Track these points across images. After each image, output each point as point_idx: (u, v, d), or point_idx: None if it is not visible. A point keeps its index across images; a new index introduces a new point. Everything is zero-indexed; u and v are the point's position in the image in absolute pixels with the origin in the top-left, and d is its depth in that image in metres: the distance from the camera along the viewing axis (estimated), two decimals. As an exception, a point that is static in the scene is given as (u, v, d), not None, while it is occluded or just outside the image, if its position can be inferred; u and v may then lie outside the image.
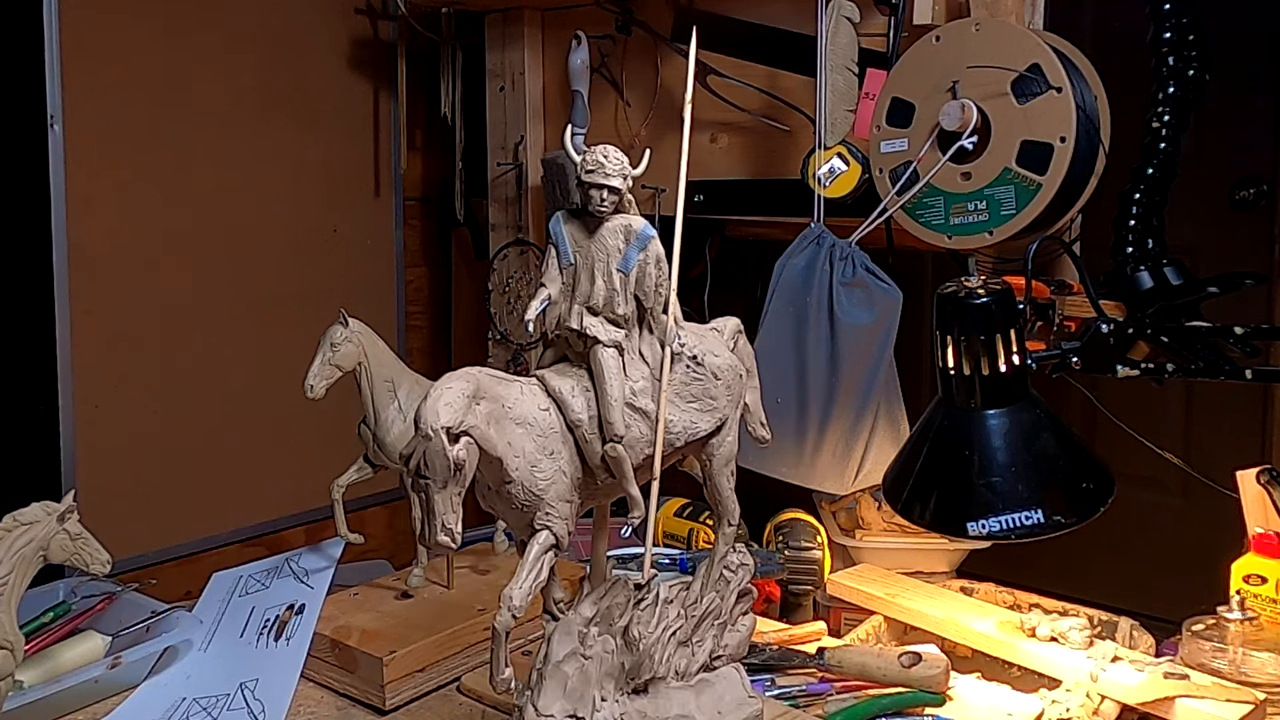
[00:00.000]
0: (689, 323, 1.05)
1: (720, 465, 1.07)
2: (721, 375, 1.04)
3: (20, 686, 1.15)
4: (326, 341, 1.34)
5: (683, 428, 1.02)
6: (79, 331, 1.75)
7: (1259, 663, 1.18)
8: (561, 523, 0.96)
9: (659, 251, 0.99)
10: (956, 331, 1.14)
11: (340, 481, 1.39)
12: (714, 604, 1.08)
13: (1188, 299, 1.29)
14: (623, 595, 1.00)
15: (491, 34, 2.01)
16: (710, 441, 1.05)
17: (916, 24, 1.47)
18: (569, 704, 0.96)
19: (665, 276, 1.00)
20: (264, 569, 1.42)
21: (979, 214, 1.37)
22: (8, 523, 1.05)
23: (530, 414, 0.95)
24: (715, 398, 1.03)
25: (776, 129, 1.68)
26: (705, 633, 1.07)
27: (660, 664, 1.01)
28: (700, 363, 1.03)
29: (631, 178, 0.98)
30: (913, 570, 1.53)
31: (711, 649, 1.07)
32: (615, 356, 0.98)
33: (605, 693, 0.98)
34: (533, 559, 0.95)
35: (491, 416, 0.91)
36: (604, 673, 0.98)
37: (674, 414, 1.01)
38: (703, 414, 1.03)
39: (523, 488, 0.94)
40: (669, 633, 1.02)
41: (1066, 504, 1.13)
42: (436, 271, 2.33)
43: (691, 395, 1.03)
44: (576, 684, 0.97)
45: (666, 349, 1.00)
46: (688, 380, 1.02)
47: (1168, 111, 1.32)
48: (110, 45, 1.77)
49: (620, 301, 0.98)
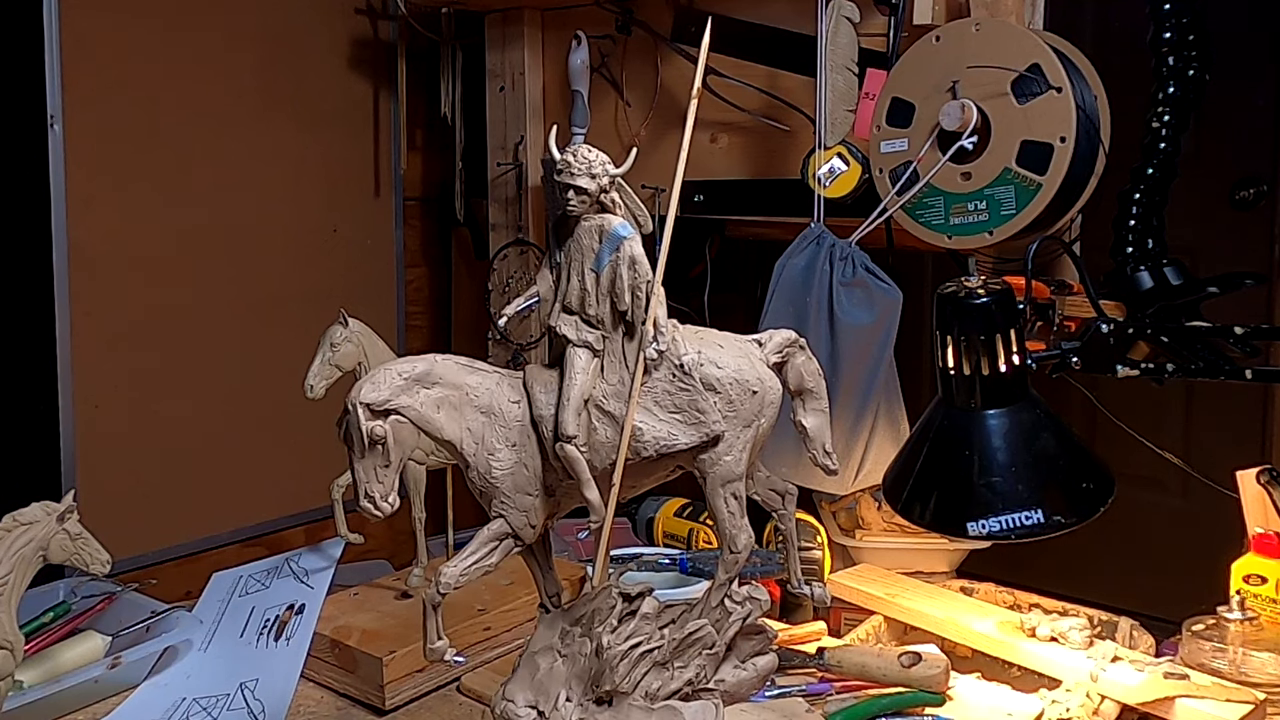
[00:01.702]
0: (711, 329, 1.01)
1: (715, 485, 0.99)
2: (721, 389, 0.98)
3: (20, 686, 1.15)
4: (326, 341, 1.34)
5: (654, 438, 0.97)
6: (79, 331, 1.75)
7: (1259, 663, 1.18)
8: (519, 514, 0.97)
9: (632, 252, 0.96)
10: (956, 331, 1.14)
11: (340, 481, 1.39)
12: (703, 632, 1.02)
13: (1188, 299, 1.29)
14: (608, 602, 1.00)
15: (491, 34, 2.01)
16: (701, 458, 0.99)
17: (916, 24, 1.47)
18: (533, 695, 0.98)
19: (642, 278, 0.97)
20: (264, 569, 1.42)
21: (979, 214, 1.37)
22: (8, 523, 1.05)
23: (498, 404, 0.97)
24: (704, 411, 0.97)
25: (776, 129, 1.68)
26: (690, 659, 1.01)
27: (623, 679, 0.97)
28: (688, 371, 0.97)
29: (610, 176, 0.96)
30: (913, 570, 1.53)
31: (695, 678, 1.01)
32: (584, 356, 0.97)
33: (571, 693, 0.99)
34: (478, 543, 0.97)
35: (445, 402, 0.95)
36: (574, 674, 0.99)
37: (650, 422, 0.97)
38: (686, 426, 0.97)
39: (478, 474, 0.97)
40: (641, 649, 0.98)
41: (1066, 504, 1.13)
42: (436, 271, 2.33)
43: (675, 405, 0.97)
44: (544, 678, 0.99)
45: (640, 352, 0.97)
46: (672, 389, 0.97)
47: (1168, 111, 1.32)
48: (110, 45, 1.77)
49: (593, 301, 0.97)
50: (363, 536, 1.43)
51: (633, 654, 0.98)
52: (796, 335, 1.03)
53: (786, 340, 1.02)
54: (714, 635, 1.02)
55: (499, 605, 1.36)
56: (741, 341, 1.01)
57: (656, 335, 0.97)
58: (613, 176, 0.97)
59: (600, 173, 0.96)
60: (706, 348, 0.99)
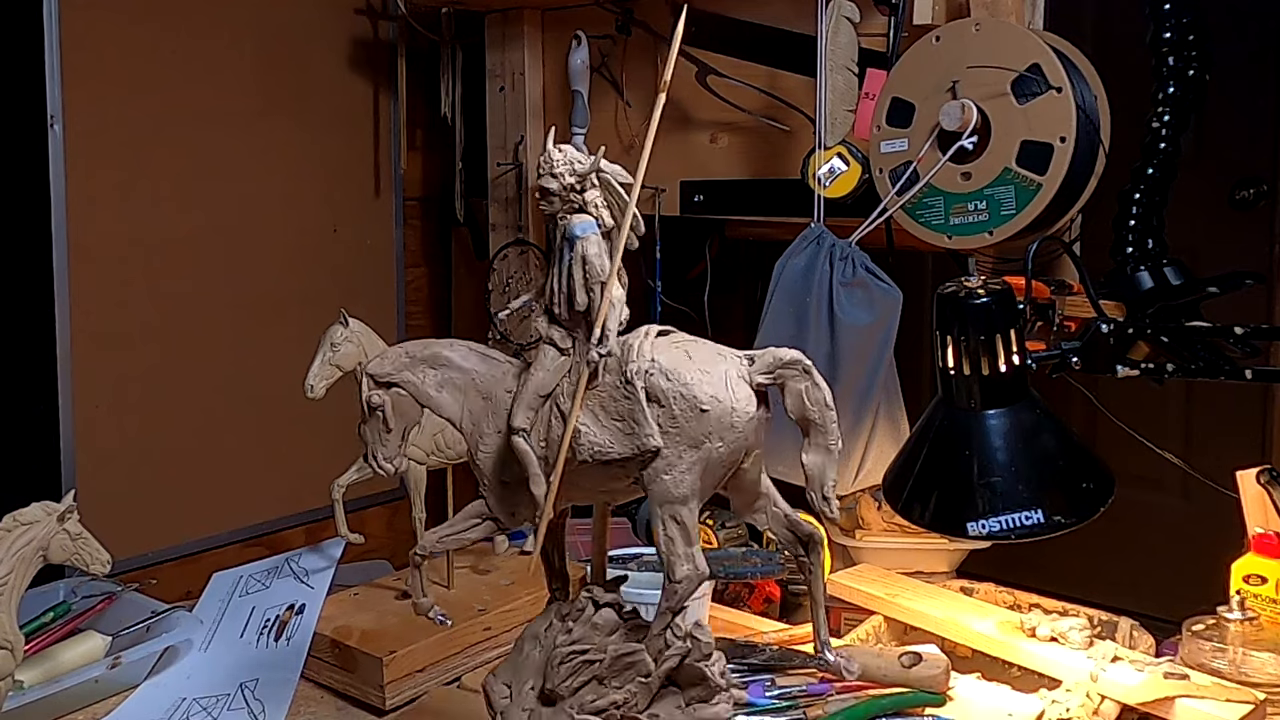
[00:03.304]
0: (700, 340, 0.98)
1: (654, 504, 0.94)
2: (666, 402, 0.93)
3: (20, 686, 1.15)
4: (326, 341, 1.34)
5: (590, 442, 0.95)
6: (79, 331, 1.75)
7: (1259, 663, 1.18)
8: (497, 499, 1.00)
9: (585, 251, 0.94)
10: (956, 331, 1.14)
11: (340, 481, 1.39)
12: (637, 657, 0.97)
13: (1188, 299, 1.29)
14: (578, 604, 1.02)
15: (491, 34, 2.01)
16: (642, 473, 0.94)
17: (916, 24, 1.47)
18: (510, 677, 1.02)
19: (594, 279, 0.94)
20: (264, 569, 1.42)
21: (979, 214, 1.37)
22: (8, 523, 1.05)
23: (497, 392, 1.00)
24: (639, 423, 0.92)
25: (776, 129, 1.68)
26: (625, 681, 0.98)
27: (560, 683, 0.98)
28: (629, 380, 0.93)
29: (576, 176, 0.94)
30: (913, 570, 1.53)
31: (623, 703, 0.97)
32: (550, 353, 0.97)
33: (535, 685, 1.00)
34: (461, 516, 1.02)
35: (449, 383, 1.01)
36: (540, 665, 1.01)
37: (591, 427, 0.95)
38: (623, 436, 0.94)
39: (470, 454, 1.01)
40: (581, 657, 0.98)
41: (1066, 504, 1.13)
42: (436, 271, 2.33)
43: (617, 413, 0.94)
44: (523, 665, 1.02)
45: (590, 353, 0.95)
46: (616, 396, 0.94)
47: (1168, 111, 1.32)
48: (110, 45, 1.77)
49: (559, 300, 0.97)
50: (363, 536, 1.43)
51: (573, 660, 0.99)
52: (799, 356, 0.95)
53: (780, 360, 0.95)
54: (649, 664, 0.97)
55: (499, 605, 1.37)
56: (723, 355, 0.96)
57: (602, 338, 0.95)
58: (580, 175, 0.94)
59: (562, 172, 0.95)
60: (667, 357, 0.94)
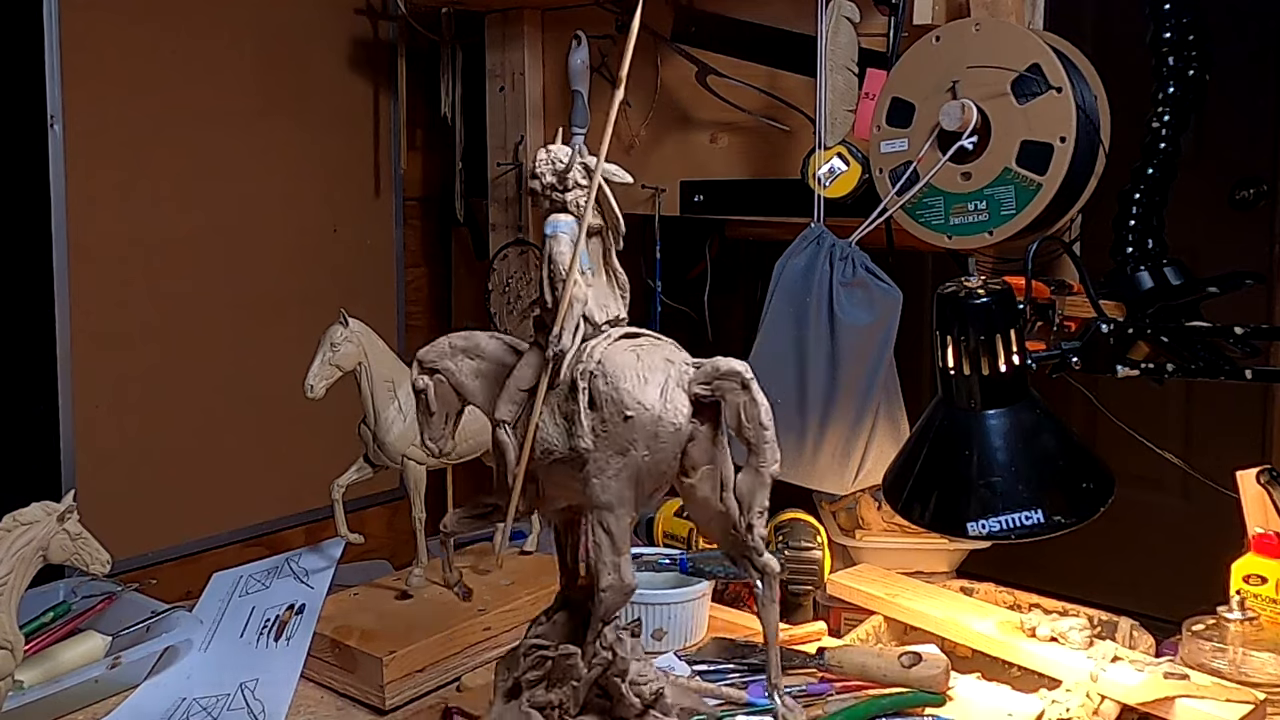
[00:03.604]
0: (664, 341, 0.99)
1: (586, 509, 0.95)
2: (599, 406, 0.94)
3: (20, 686, 1.15)
4: (326, 341, 1.34)
5: (543, 438, 0.97)
6: (79, 331, 1.75)
7: (1259, 663, 1.18)
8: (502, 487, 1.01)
9: (551, 249, 0.96)
10: (956, 331, 1.14)
11: (340, 481, 1.39)
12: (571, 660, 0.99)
13: (1188, 299, 1.29)
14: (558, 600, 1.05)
15: (491, 34, 2.01)
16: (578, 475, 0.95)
17: (916, 24, 1.47)
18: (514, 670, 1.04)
19: (557, 277, 0.95)
20: (264, 569, 1.42)
21: (979, 214, 1.37)
22: (8, 523, 1.05)
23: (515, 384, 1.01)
24: (574, 424, 0.94)
25: (776, 129, 1.68)
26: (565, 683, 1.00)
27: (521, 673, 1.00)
28: (573, 381, 0.96)
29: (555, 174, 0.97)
30: (913, 570, 1.53)
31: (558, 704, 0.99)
32: (533, 350, 1.00)
33: None
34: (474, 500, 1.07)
35: (482, 373, 1.05)
36: None
37: (548, 424, 0.97)
38: (564, 436, 0.96)
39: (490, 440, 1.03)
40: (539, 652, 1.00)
41: (1066, 504, 1.13)
42: (436, 271, 2.33)
43: (564, 413, 0.96)
44: None
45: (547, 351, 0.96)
46: (566, 396, 0.96)
47: (1168, 111, 1.32)
48: (110, 45, 1.78)
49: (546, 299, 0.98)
50: (363, 536, 1.43)
51: (532, 654, 1.01)
52: (739, 368, 0.91)
53: (718, 370, 0.92)
54: (581, 669, 0.98)
55: (499, 605, 1.36)
56: (671, 362, 0.95)
57: (560, 335, 0.96)
58: (559, 174, 0.97)
59: (544, 172, 0.97)
60: (614, 360, 0.95)
